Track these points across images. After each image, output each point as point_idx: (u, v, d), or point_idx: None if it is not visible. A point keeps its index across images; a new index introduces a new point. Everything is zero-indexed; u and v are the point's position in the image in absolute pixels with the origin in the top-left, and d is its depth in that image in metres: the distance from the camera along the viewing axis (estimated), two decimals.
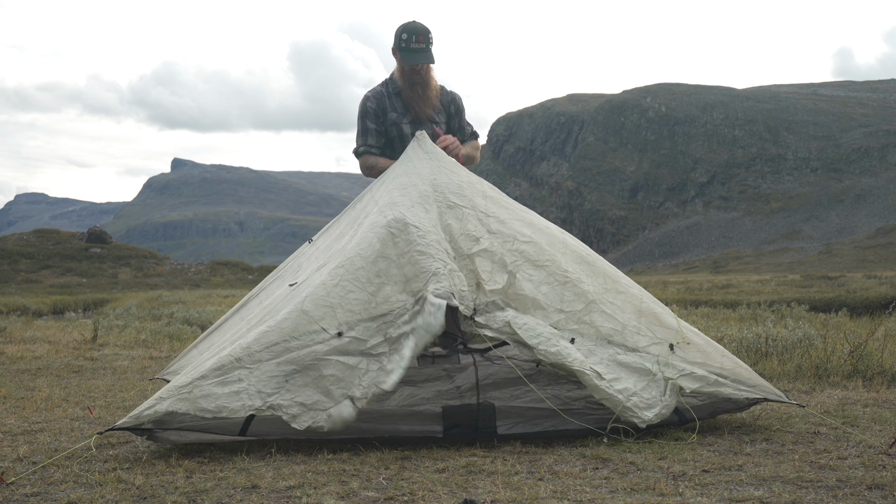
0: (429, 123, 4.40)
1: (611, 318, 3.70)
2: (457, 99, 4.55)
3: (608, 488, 2.82)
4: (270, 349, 3.37)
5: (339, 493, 2.79)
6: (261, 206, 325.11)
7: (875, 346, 5.84)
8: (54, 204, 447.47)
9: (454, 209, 3.94)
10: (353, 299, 3.53)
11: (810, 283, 33.02)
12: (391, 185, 4.12)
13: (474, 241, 3.82)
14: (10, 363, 7.05)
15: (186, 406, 3.21)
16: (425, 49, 4.24)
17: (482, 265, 3.74)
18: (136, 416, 3.24)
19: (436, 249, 3.69)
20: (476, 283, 3.71)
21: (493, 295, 3.66)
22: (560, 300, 3.71)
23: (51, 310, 29.40)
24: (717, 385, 3.60)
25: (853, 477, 2.90)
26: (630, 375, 3.55)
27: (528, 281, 3.73)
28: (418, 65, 4.26)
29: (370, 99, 4.40)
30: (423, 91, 4.33)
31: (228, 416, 3.24)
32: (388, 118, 4.39)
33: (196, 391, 3.24)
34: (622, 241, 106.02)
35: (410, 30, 4.25)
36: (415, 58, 4.23)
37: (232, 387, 3.27)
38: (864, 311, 17.83)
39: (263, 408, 3.26)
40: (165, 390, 3.29)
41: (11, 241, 54.76)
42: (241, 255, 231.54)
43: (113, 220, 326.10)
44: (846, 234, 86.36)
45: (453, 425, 3.60)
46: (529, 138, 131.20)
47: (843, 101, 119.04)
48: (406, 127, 4.38)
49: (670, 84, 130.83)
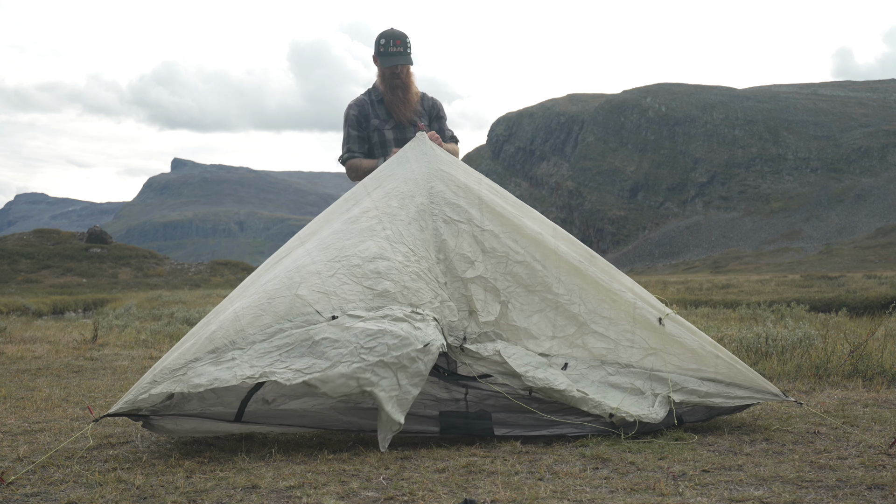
0: (411, 127, 4.49)
1: (603, 337, 3.78)
2: (437, 104, 4.65)
3: (608, 488, 2.82)
4: (264, 331, 3.36)
5: (339, 493, 2.79)
6: (261, 206, 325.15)
7: (875, 346, 5.83)
8: (54, 204, 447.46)
9: (450, 225, 3.94)
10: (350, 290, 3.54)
11: (810, 283, 33.02)
12: (391, 192, 4.08)
13: (469, 263, 3.86)
14: (10, 363, 7.05)
15: (181, 387, 3.20)
16: (403, 52, 4.37)
17: (476, 293, 3.80)
18: (130, 400, 3.22)
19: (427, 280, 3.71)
20: (469, 311, 3.78)
21: (486, 326, 3.75)
22: (552, 326, 3.80)
23: (51, 310, 29.39)
24: (707, 396, 3.69)
25: (853, 477, 2.90)
26: (620, 395, 3.66)
27: (520, 311, 3.82)
28: (397, 67, 4.38)
29: (353, 107, 4.53)
30: (403, 94, 4.44)
31: (220, 385, 3.21)
32: (371, 124, 4.50)
33: (190, 373, 3.24)
34: (622, 241, 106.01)
35: (388, 35, 4.39)
36: (393, 60, 4.36)
37: (225, 364, 3.26)
38: (864, 311, 17.83)
39: (256, 375, 3.22)
40: (159, 373, 3.27)
41: (11, 241, 54.76)
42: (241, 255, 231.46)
43: (113, 220, 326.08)
44: (846, 234, 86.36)
45: (451, 426, 3.67)
46: (529, 138, 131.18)
47: (843, 101, 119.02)
48: (388, 133, 4.48)
49: (670, 84, 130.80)
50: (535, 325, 3.80)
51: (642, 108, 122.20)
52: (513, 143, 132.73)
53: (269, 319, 3.39)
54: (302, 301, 3.45)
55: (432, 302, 3.63)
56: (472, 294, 3.79)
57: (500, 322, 3.78)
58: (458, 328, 3.69)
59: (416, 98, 4.51)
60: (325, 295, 3.48)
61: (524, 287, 3.87)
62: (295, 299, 3.45)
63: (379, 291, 3.55)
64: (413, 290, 3.61)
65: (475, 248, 3.91)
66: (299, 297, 3.46)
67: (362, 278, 3.58)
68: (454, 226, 3.95)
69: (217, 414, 3.52)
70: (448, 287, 3.79)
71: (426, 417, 3.74)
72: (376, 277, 3.59)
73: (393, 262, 3.66)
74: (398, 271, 3.63)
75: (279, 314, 3.41)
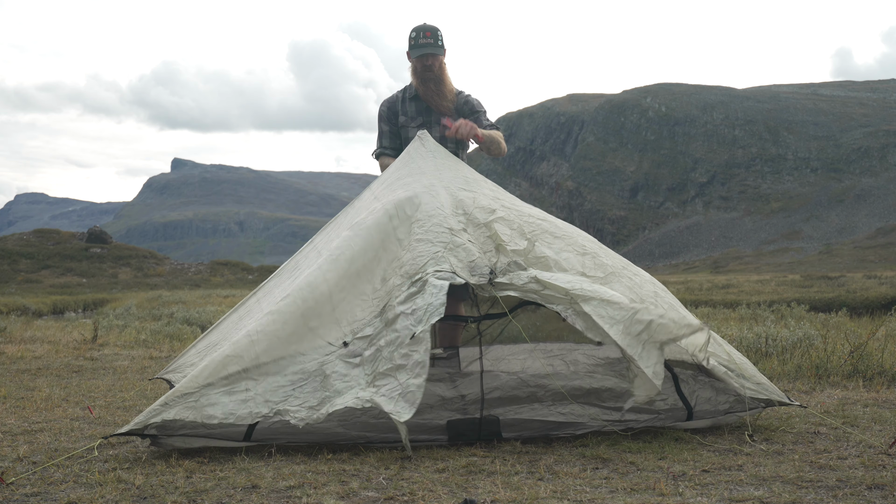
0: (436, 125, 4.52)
1: (630, 290, 3.63)
2: (470, 100, 4.64)
3: (608, 488, 2.82)
4: (278, 363, 3.38)
5: (339, 493, 2.79)
6: (261, 206, 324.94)
7: (875, 346, 5.84)
8: (54, 204, 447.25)
9: (466, 191, 3.98)
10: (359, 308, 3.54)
11: (810, 283, 33.01)
12: (395, 183, 4.11)
13: (489, 212, 3.81)
14: (10, 363, 7.05)
15: (193, 415, 3.22)
16: (434, 43, 4.44)
17: (501, 230, 3.71)
18: (141, 422, 3.23)
19: (435, 234, 3.67)
20: (496, 246, 3.65)
21: (516, 255, 3.59)
22: (582, 266, 3.65)
23: (51, 310, 29.38)
24: (726, 377, 3.58)
25: (853, 477, 2.90)
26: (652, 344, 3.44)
27: (549, 247, 3.69)
28: (427, 58, 4.45)
29: (384, 104, 4.66)
30: (436, 87, 4.48)
31: (236, 422, 3.23)
32: (399, 121, 4.60)
33: (203, 399, 3.24)
34: (622, 241, 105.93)
35: (419, 28, 4.49)
36: (422, 49, 4.44)
37: (239, 396, 3.27)
38: (864, 311, 17.83)
39: (271, 414, 3.26)
40: (171, 397, 3.27)
41: (11, 241, 54.71)
42: (241, 255, 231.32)
43: (113, 220, 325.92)
44: (846, 234, 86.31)
45: (458, 434, 3.59)
46: (529, 138, 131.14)
47: (843, 101, 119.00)
48: (412, 131, 4.53)
49: (670, 84, 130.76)
50: (566, 260, 3.64)
51: (642, 108, 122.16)
52: (513, 143, 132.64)
53: (281, 351, 3.41)
54: (314, 334, 3.47)
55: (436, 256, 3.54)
56: (496, 231, 3.69)
57: (529, 255, 3.63)
58: (482, 265, 3.54)
59: (452, 92, 4.53)
60: (336, 324, 3.49)
61: (550, 234, 3.78)
62: (307, 332, 3.46)
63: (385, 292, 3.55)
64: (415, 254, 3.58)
65: (494, 203, 3.89)
66: (311, 331, 3.47)
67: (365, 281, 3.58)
68: (470, 192, 3.97)
69: (226, 434, 3.52)
70: (469, 233, 3.71)
71: (433, 427, 3.66)
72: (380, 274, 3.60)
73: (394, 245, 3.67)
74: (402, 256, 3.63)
75: (292, 346, 3.42)
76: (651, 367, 3.27)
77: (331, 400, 3.26)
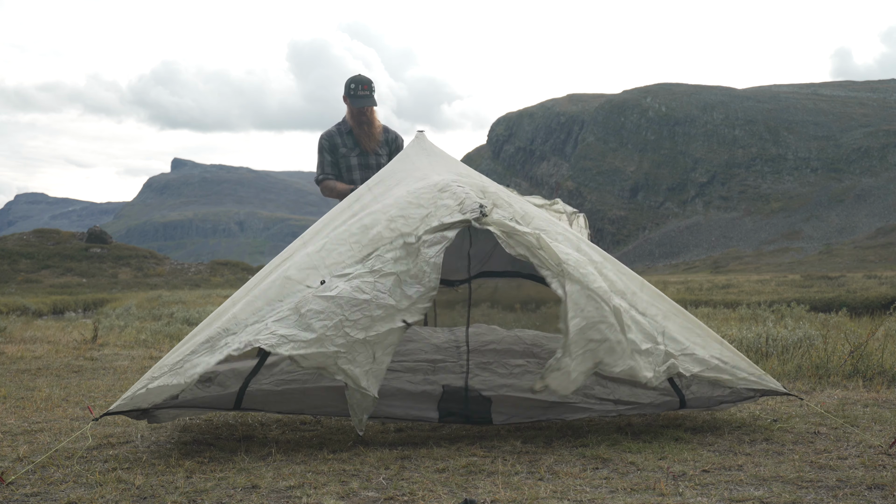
0: (373, 155, 5.27)
1: (622, 282, 3.66)
2: (398, 138, 5.42)
3: (608, 488, 2.82)
4: (256, 314, 3.37)
5: (339, 493, 2.79)
6: (261, 206, 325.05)
7: (875, 346, 5.83)
8: (54, 204, 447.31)
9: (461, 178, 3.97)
10: (338, 252, 3.52)
11: (810, 283, 33.00)
12: (387, 179, 4.10)
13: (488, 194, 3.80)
14: (10, 363, 7.05)
15: (178, 379, 3.21)
16: (369, 95, 5.22)
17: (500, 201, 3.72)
18: (129, 397, 3.25)
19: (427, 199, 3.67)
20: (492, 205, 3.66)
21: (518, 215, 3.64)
22: (577, 251, 3.65)
23: (51, 310, 29.37)
24: (717, 371, 3.57)
25: (853, 477, 2.90)
26: (639, 331, 3.49)
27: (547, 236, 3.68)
28: (364, 108, 5.20)
29: (324, 137, 5.35)
30: (368, 129, 5.26)
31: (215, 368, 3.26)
32: (339, 152, 5.30)
33: (187, 365, 3.25)
34: (622, 241, 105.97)
35: (357, 81, 5.23)
36: (361, 102, 5.20)
37: (219, 350, 3.26)
38: (864, 311, 17.82)
39: (242, 347, 3.22)
40: (156, 368, 3.31)
41: (11, 241, 54.73)
42: (241, 255, 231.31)
43: (113, 220, 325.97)
44: (846, 234, 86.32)
45: (448, 413, 3.68)
46: (529, 138, 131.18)
47: (843, 101, 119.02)
48: (353, 159, 5.27)
49: (670, 84, 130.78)
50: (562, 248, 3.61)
51: (642, 108, 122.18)
52: (513, 143, 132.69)
53: (261, 304, 3.41)
54: (291, 281, 3.45)
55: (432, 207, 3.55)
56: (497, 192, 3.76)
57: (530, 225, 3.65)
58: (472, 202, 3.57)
59: (379, 130, 5.33)
60: (314, 269, 3.47)
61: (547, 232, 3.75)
62: (285, 282, 3.46)
63: (368, 240, 3.52)
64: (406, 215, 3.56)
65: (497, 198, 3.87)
66: (289, 279, 3.46)
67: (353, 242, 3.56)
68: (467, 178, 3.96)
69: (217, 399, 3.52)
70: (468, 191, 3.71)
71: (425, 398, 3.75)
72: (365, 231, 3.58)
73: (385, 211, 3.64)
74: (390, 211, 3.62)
75: (271, 298, 3.42)
76: (578, 372, 3.29)
77: (306, 341, 3.22)
